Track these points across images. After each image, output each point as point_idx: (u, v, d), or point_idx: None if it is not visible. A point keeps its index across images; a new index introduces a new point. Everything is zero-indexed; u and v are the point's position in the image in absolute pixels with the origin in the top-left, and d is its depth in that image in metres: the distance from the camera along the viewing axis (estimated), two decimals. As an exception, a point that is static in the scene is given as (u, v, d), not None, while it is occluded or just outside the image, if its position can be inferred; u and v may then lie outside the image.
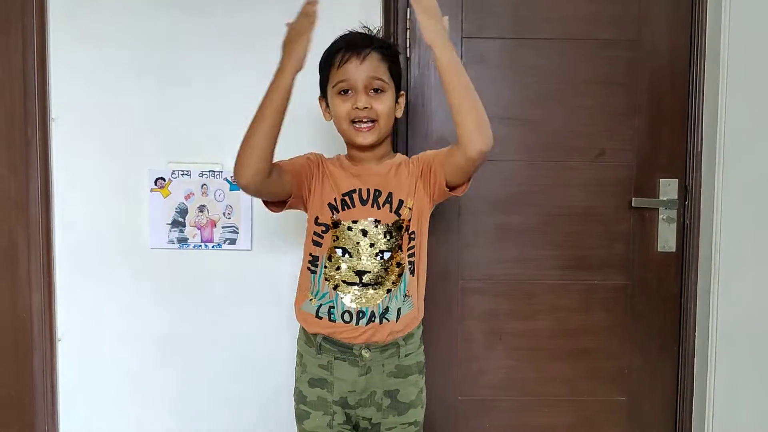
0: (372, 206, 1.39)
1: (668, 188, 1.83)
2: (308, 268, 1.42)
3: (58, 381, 1.82)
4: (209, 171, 1.77)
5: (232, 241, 1.79)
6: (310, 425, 1.42)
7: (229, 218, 1.78)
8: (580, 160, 1.84)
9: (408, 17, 1.81)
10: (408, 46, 1.81)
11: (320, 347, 1.41)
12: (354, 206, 1.39)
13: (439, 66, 1.29)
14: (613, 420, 1.89)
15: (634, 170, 1.84)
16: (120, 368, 1.82)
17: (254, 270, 1.71)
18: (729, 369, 1.78)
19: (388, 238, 1.38)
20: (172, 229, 1.79)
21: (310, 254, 1.42)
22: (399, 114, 1.45)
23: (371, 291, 1.38)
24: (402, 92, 1.46)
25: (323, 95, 1.45)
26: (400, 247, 1.40)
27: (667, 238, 1.84)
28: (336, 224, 1.39)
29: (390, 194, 1.40)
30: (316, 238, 1.41)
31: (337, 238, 1.39)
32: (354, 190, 1.40)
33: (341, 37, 1.43)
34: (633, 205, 1.83)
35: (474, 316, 1.86)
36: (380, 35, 1.54)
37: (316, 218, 1.41)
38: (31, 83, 1.74)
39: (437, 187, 1.40)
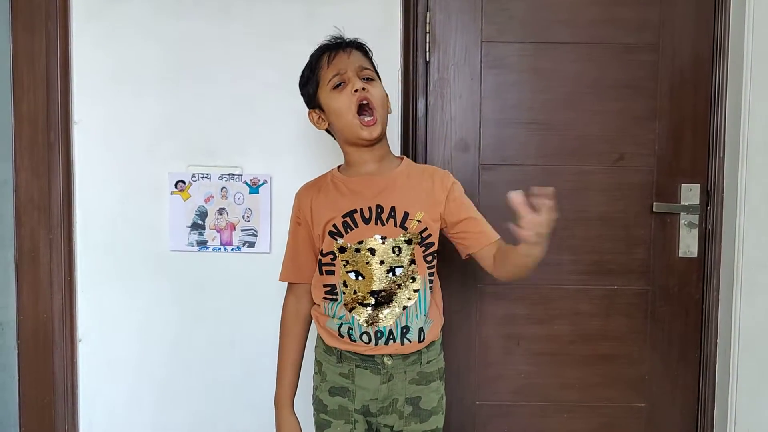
0: (376, 223, 1.36)
1: (690, 193, 1.81)
2: (325, 298, 1.41)
3: (78, 381, 1.84)
4: (229, 174, 1.78)
5: (251, 244, 1.79)
6: None
7: (249, 221, 1.79)
8: (600, 164, 1.83)
9: (427, 21, 1.81)
10: (428, 50, 1.81)
11: (341, 355, 1.40)
12: (357, 226, 1.36)
13: (525, 255, 1.26)
14: (632, 427, 1.87)
15: (654, 175, 1.82)
16: (139, 369, 1.84)
17: (273, 273, 1.70)
18: (751, 376, 1.76)
19: (397, 253, 1.36)
20: (192, 232, 1.80)
21: (324, 284, 1.41)
22: (390, 110, 1.45)
23: (386, 309, 1.36)
24: (386, 93, 1.44)
25: (313, 106, 1.44)
26: (412, 261, 1.37)
27: (688, 244, 1.82)
28: (342, 249, 1.37)
29: (393, 208, 1.36)
30: (327, 268, 1.40)
31: (347, 262, 1.37)
32: (354, 210, 1.37)
33: (319, 46, 1.44)
34: (654, 210, 1.81)
35: (492, 321, 1.85)
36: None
37: (321, 250, 1.40)
38: (54, 87, 1.76)
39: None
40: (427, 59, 1.82)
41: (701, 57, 1.81)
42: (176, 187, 1.79)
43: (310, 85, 1.42)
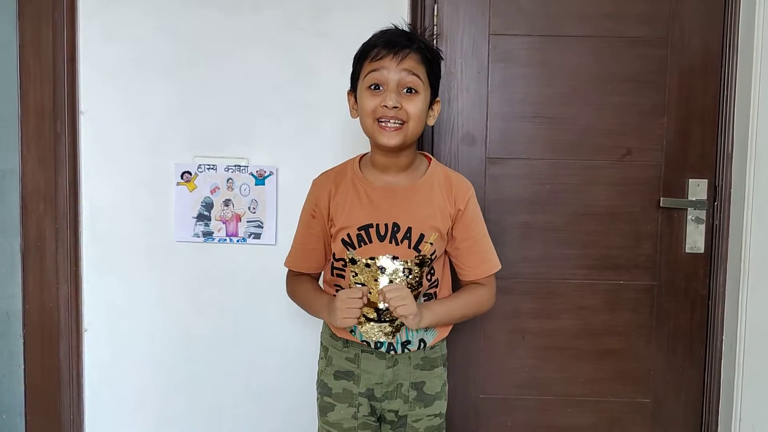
0: (390, 242, 1.34)
1: (697, 189, 1.80)
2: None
3: (83, 371, 1.84)
4: (235, 165, 1.78)
5: (257, 236, 1.80)
6: (334, 417, 1.42)
7: (254, 213, 1.79)
8: (607, 158, 1.82)
9: (435, 14, 1.80)
10: (434, 42, 1.80)
11: (347, 341, 1.42)
12: (371, 242, 1.35)
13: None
14: (637, 422, 1.87)
15: (662, 170, 1.81)
16: (144, 359, 1.84)
17: (278, 264, 1.70)
18: (757, 373, 1.75)
19: (407, 274, 1.33)
20: (198, 223, 1.80)
21: (336, 285, 1.42)
22: (431, 122, 1.37)
23: (388, 327, 1.34)
24: (438, 99, 1.37)
25: (353, 89, 1.37)
26: (419, 283, 1.36)
27: (695, 239, 1.82)
28: (354, 261, 1.35)
29: (409, 229, 1.34)
30: (338, 271, 1.41)
31: (356, 274, 1.36)
32: (371, 225, 1.34)
33: (382, 32, 1.33)
34: (661, 205, 1.80)
35: (497, 315, 1.85)
36: (425, 34, 1.47)
37: (334, 254, 1.41)
38: (60, 77, 1.76)
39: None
40: (434, 52, 1.81)
41: (710, 51, 1.79)
42: (182, 177, 1.79)
43: (355, 67, 1.35)
